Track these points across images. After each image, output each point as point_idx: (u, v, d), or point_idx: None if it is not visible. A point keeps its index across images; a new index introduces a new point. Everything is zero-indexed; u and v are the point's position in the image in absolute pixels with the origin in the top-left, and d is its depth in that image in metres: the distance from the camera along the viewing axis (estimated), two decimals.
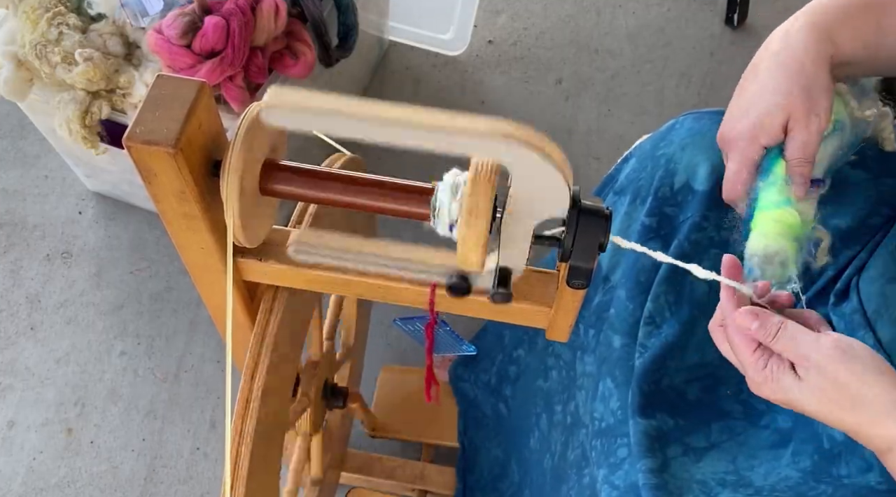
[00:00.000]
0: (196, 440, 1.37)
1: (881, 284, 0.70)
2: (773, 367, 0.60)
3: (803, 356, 0.58)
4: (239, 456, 0.65)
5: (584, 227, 0.53)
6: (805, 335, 0.59)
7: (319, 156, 0.79)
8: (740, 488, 0.72)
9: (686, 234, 0.80)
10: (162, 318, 1.48)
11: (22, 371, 1.43)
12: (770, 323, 0.59)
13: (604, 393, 0.83)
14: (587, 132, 1.73)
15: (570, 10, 1.93)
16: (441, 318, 0.71)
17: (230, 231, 0.56)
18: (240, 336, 0.72)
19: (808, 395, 0.58)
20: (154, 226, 1.57)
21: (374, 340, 1.40)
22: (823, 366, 0.57)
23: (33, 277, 1.52)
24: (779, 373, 0.59)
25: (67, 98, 1.16)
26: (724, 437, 0.78)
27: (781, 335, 0.59)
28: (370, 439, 1.33)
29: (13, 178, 1.63)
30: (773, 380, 0.59)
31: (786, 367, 0.59)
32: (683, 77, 1.81)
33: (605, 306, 0.86)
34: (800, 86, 0.66)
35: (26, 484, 1.33)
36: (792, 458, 0.73)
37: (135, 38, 1.18)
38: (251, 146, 0.55)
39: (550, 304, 0.63)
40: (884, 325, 0.69)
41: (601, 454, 0.81)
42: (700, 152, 0.81)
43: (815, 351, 0.58)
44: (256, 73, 1.16)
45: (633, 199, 0.86)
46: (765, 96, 0.68)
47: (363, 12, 1.40)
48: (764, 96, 0.68)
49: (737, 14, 1.85)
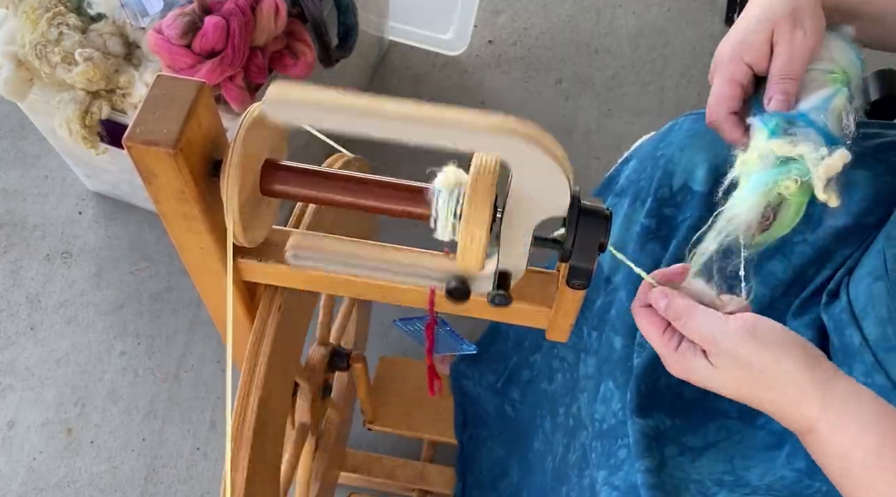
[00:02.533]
0: (196, 440, 1.37)
1: (868, 283, 0.70)
2: (684, 347, 0.58)
3: (710, 341, 0.56)
4: (239, 456, 0.65)
5: (585, 228, 0.53)
6: (711, 319, 0.56)
7: (319, 156, 0.79)
8: (737, 488, 0.72)
9: (685, 234, 0.80)
10: (162, 318, 1.48)
11: (22, 371, 1.43)
12: (676, 303, 0.58)
13: (605, 394, 0.83)
14: (587, 132, 1.73)
15: (570, 10, 1.93)
16: (441, 318, 0.71)
17: (230, 231, 0.56)
18: (240, 336, 0.72)
19: (718, 379, 0.56)
20: (154, 226, 1.57)
21: (374, 340, 1.40)
22: (732, 350, 0.55)
23: (33, 277, 1.52)
24: (690, 355, 0.57)
25: (67, 98, 1.16)
26: (721, 436, 0.78)
27: (686, 319, 0.57)
28: (370, 438, 1.33)
29: (13, 178, 1.63)
30: (685, 359, 0.58)
31: (697, 351, 0.57)
32: (683, 77, 1.81)
33: (607, 308, 0.86)
34: (785, 3, 0.65)
35: (26, 484, 1.33)
36: (787, 459, 0.73)
37: (135, 38, 1.18)
38: (251, 146, 0.55)
39: (550, 304, 0.63)
40: (870, 323, 0.69)
41: (601, 455, 0.81)
42: (699, 153, 0.81)
43: (721, 334, 0.55)
44: (256, 73, 1.16)
45: (632, 201, 0.86)
46: (750, 16, 0.66)
47: (363, 12, 1.40)
48: (749, 16, 0.67)
49: (737, 14, 1.85)
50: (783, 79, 0.65)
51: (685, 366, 0.58)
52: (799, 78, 0.65)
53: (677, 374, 0.60)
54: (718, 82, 0.68)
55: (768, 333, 0.55)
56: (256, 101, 0.59)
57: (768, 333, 0.55)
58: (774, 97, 0.65)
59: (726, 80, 0.67)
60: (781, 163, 0.62)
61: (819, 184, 0.61)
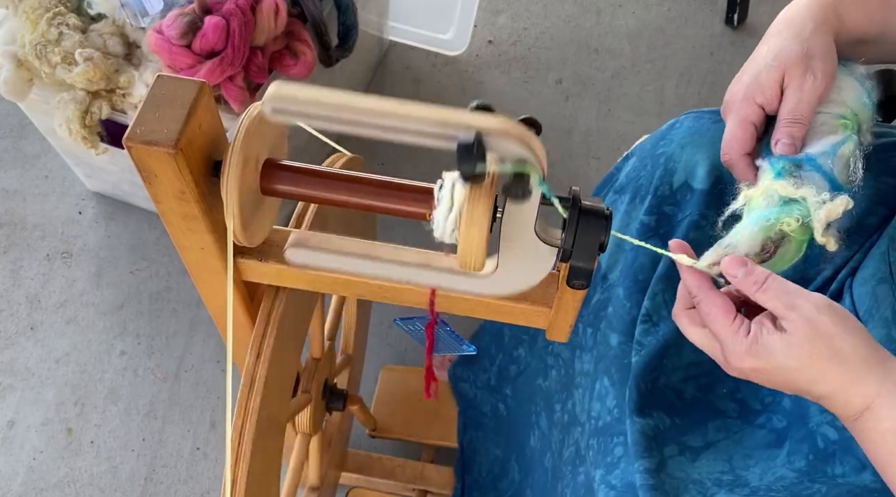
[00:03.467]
0: (196, 440, 1.37)
1: (872, 285, 0.70)
2: (755, 329, 0.57)
3: (791, 305, 0.56)
4: (239, 456, 0.65)
5: (585, 228, 0.53)
6: (791, 285, 0.57)
7: (319, 156, 0.79)
8: (736, 488, 0.72)
9: (684, 232, 0.80)
10: (162, 318, 1.48)
11: (22, 371, 1.43)
12: (758, 270, 0.57)
13: (600, 391, 0.83)
14: (587, 132, 1.73)
15: (570, 10, 1.93)
16: (441, 318, 0.71)
17: (230, 231, 0.56)
18: (240, 336, 0.72)
19: (794, 349, 0.55)
20: (154, 226, 1.57)
21: (374, 340, 1.40)
22: (812, 314, 0.55)
23: (33, 277, 1.52)
24: (762, 334, 0.56)
25: (67, 98, 1.16)
26: (721, 436, 0.78)
27: (771, 283, 0.56)
28: (370, 439, 1.33)
29: (13, 178, 1.63)
30: (757, 343, 0.56)
31: (768, 326, 0.56)
32: (683, 77, 1.81)
33: (604, 305, 0.86)
34: (797, 44, 0.65)
35: (26, 484, 1.33)
36: (787, 458, 0.73)
37: (135, 38, 1.18)
38: (251, 146, 0.55)
39: (550, 304, 0.63)
40: (875, 325, 0.69)
41: (598, 453, 0.81)
42: (699, 151, 0.81)
43: (805, 299, 0.56)
44: (256, 73, 1.16)
45: (632, 198, 0.86)
46: (761, 58, 0.67)
47: (363, 12, 1.40)
48: (760, 58, 0.67)
49: (737, 14, 1.85)
50: (790, 123, 0.65)
51: (756, 347, 0.56)
52: (806, 122, 0.65)
53: (746, 364, 0.57)
54: (732, 123, 0.68)
55: (844, 311, 0.56)
56: (256, 101, 0.59)
57: (844, 311, 0.56)
58: (780, 141, 0.65)
59: (739, 121, 0.68)
60: (784, 203, 0.63)
61: (819, 227, 0.61)
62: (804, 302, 0.56)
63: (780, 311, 0.56)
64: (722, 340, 0.59)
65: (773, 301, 0.57)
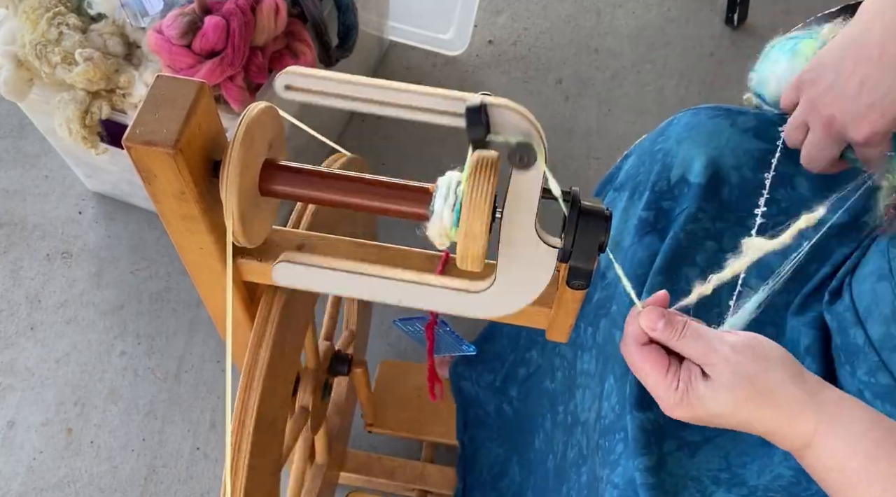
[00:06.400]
0: (196, 440, 1.37)
1: (872, 283, 0.70)
2: (685, 377, 0.56)
3: (709, 351, 0.55)
4: (239, 456, 0.65)
5: (584, 228, 0.53)
6: (709, 331, 0.56)
7: (319, 156, 0.79)
8: (734, 487, 0.72)
9: (682, 224, 0.80)
10: (162, 318, 1.48)
11: (22, 371, 1.43)
12: (677, 319, 0.57)
13: (608, 390, 0.83)
14: (587, 132, 1.73)
15: (570, 10, 1.93)
16: (441, 318, 0.71)
17: (230, 231, 0.56)
18: (240, 336, 0.72)
19: (721, 394, 0.55)
20: (154, 226, 1.57)
21: (374, 341, 1.40)
22: (729, 357, 0.55)
23: (33, 277, 1.52)
24: (691, 383, 0.56)
25: (67, 98, 1.17)
26: (718, 431, 0.78)
27: (686, 331, 0.56)
28: (370, 439, 1.33)
29: (13, 178, 1.63)
30: (688, 393, 0.56)
31: (696, 373, 0.56)
32: (683, 77, 1.81)
33: (604, 303, 0.86)
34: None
35: (26, 484, 1.33)
36: (784, 456, 0.73)
37: (135, 38, 1.19)
38: (251, 146, 0.55)
39: (550, 304, 0.63)
40: (874, 323, 0.69)
41: (606, 452, 0.81)
42: (696, 146, 0.81)
43: (721, 342, 0.55)
44: (256, 73, 1.17)
45: (631, 195, 0.86)
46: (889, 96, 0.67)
47: (363, 12, 1.40)
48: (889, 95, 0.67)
49: (737, 14, 1.85)
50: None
51: (689, 397, 0.56)
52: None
53: (681, 415, 0.58)
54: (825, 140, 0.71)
55: (765, 346, 0.56)
56: (256, 101, 0.59)
57: (765, 346, 0.56)
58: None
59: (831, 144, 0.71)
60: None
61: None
62: (721, 345, 0.55)
63: (700, 359, 0.56)
64: (656, 396, 0.58)
65: (689, 349, 0.56)
